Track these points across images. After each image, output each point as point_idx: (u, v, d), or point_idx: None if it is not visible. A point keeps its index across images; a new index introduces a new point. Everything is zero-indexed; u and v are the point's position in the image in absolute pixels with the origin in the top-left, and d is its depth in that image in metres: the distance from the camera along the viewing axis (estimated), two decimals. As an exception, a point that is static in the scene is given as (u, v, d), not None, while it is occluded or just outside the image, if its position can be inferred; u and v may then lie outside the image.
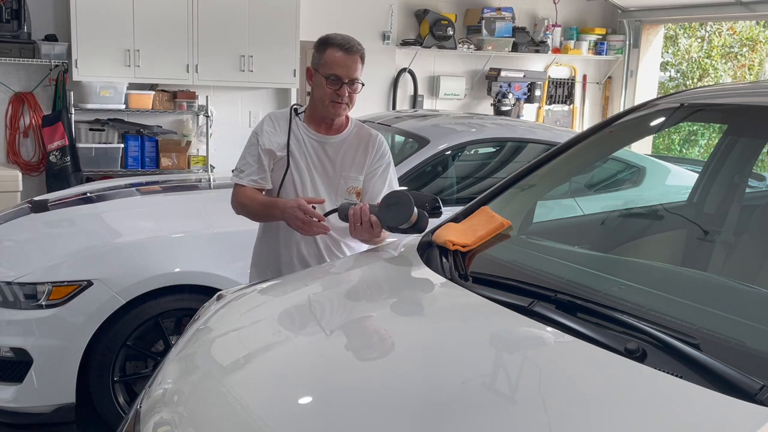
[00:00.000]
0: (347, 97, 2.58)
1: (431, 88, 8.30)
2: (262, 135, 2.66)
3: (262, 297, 2.18)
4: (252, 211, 2.66)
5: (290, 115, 2.71)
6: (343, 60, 2.56)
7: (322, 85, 2.59)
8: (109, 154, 6.43)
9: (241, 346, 1.90)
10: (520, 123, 5.10)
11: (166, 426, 1.64)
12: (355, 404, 1.49)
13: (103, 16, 6.11)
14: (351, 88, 2.59)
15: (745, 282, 2.01)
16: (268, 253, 2.75)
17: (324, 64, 2.59)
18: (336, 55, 2.56)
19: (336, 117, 2.64)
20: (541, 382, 1.48)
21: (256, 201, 2.64)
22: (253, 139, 2.70)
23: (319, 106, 2.63)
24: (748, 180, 2.67)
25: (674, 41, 12.26)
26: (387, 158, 2.75)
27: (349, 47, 2.57)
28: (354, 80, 2.59)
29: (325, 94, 2.59)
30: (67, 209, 3.97)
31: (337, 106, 2.59)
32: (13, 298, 3.20)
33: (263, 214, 2.65)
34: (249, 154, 2.68)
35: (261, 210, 2.63)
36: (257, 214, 2.67)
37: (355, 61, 2.58)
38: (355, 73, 2.59)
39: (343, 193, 2.67)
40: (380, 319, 1.91)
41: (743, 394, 1.31)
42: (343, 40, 2.58)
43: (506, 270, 2.02)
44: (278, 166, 2.66)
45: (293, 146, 2.65)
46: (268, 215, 2.63)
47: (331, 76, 2.56)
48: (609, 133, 2.58)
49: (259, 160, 2.64)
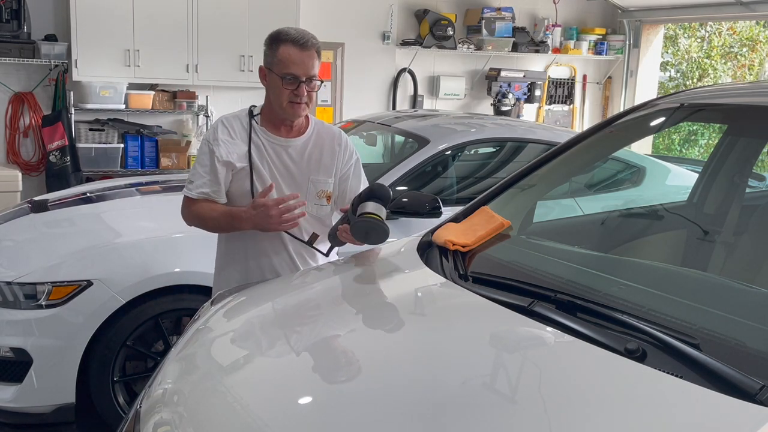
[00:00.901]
0: (306, 96, 2.41)
1: (431, 88, 8.30)
2: (217, 145, 2.45)
3: (262, 297, 2.18)
4: (213, 224, 2.49)
5: (249, 120, 2.51)
6: (299, 57, 2.37)
7: (278, 85, 2.40)
8: (109, 154, 6.43)
9: (241, 346, 1.90)
10: (520, 123, 5.10)
11: (166, 426, 1.64)
12: (355, 404, 1.49)
13: (103, 16, 6.11)
14: (309, 87, 2.41)
15: (745, 282, 2.01)
16: (234, 266, 2.57)
17: (278, 63, 2.40)
18: (290, 52, 2.38)
19: (296, 118, 2.47)
20: (541, 382, 1.48)
21: (217, 212, 2.46)
22: (205, 148, 2.48)
23: (277, 108, 2.45)
24: (748, 180, 2.67)
25: (674, 41, 12.26)
26: (355, 154, 2.62)
27: (303, 42, 2.38)
28: (312, 77, 2.41)
29: (282, 95, 2.41)
30: (67, 209, 3.97)
31: (296, 106, 2.42)
32: (13, 298, 3.20)
33: (227, 225, 2.47)
34: (200, 165, 2.47)
35: (225, 222, 2.45)
36: (219, 227, 2.50)
37: (311, 57, 2.40)
38: (313, 69, 2.40)
39: (313, 197, 2.52)
40: (380, 320, 1.91)
41: (743, 394, 1.31)
42: (297, 35, 2.39)
43: (506, 270, 2.02)
44: (239, 177, 2.48)
45: (255, 156, 2.46)
46: (232, 226, 2.45)
47: (287, 76, 2.38)
48: (609, 133, 2.58)
49: (213, 171, 2.44)
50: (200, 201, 2.47)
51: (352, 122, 5.03)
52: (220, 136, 2.46)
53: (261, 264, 2.53)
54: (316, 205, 2.53)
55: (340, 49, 7.65)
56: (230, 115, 2.56)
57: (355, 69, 7.72)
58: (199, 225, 2.54)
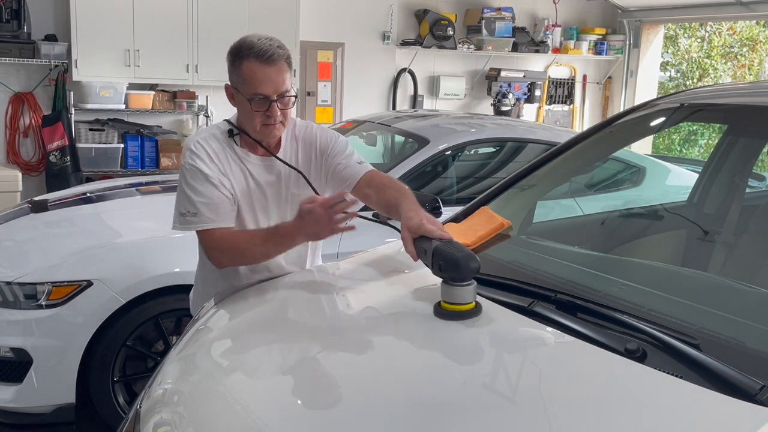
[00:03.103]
0: (280, 115, 2.13)
1: (431, 88, 8.30)
2: (210, 175, 2.14)
3: (262, 297, 2.18)
4: (256, 253, 2.16)
5: (233, 146, 2.21)
6: (265, 74, 2.08)
7: (247, 108, 2.12)
8: (108, 154, 6.43)
9: (242, 346, 1.90)
10: (520, 123, 5.11)
11: (166, 426, 1.64)
12: (355, 403, 1.49)
13: (103, 16, 6.11)
14: (282, 104, 2.13)
15: (745, 282, 2.00)
16: (225, 285, 2.28)
17: (243, 82, 2.11)
18: (255, 70, 2.08)
19: (273, 139, 2.20)
20: (541, 382, 1.48)
21: (258, 237, 2.15)
22: (196, 174, 2.14)
23: (251, 132, 2.18)
24: (748, 180, 2.67)
25: (674, 41, 12.26)
26: (330, 139, 2.29)
27: (269, 56, 2.07)
28: (284, 94, 2.12)
29: (253, 119, 2.13)
30: (67, 209, 3.97)
31: (270, 128, 2.14)
32: (13, 298, 3.20)
33: (274, 247, 2.15)
34: (201, 190, 2.13)
35: (272, 244, 2.13)
36: (265, 254, 2.18)
37: (280, 72, 2.10)
38: (284, 85, 2.11)
39: (292, 209, 2.20)
40: (379, 320, 1.91)
41: (743, 394, 1.31)
42: (261, 48, 2.07)
43: (506, 270, 2.02)
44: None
45: (241, 186, 2.20)
46: (282, 245, 2.14)
47: (255, 97, 2.10)
48: (609, 133, 2.58)
49: (221, 196, 2.15)
50: (218, 231, 2.15)
51: (352, 122, 5.03)
52: (208, 169, 2.15)
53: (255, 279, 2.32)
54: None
55: (340, 49, 7.65)
56: (207, 137, 2.22)
57: (355, 69, 7.72)
58: (239, 259, 2.20)
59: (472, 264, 1.73)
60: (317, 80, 7.61)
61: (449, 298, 1.73)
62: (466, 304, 1.72)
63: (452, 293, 1.73)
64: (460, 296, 1.72)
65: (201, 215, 2.14)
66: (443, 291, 1.75)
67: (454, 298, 1.73)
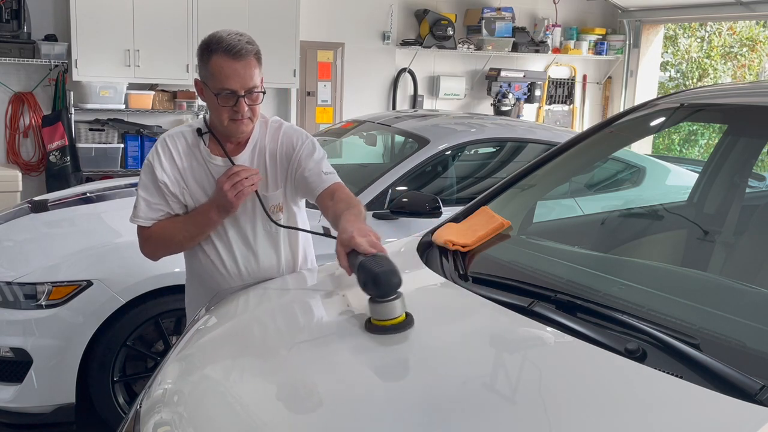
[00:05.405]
0: (248, 110, 2.13)
1: (431, 88, 8.31)
2: (159, 178, 2.19)
3: (262, 296, 2.18)
4: (179, 237, 2.23)
5: (199, 145, 2.23)
6: (233, 68, 2.07)
7: (215, 103, 2.12)
8: (108, 154, 6.43)
9: (242, 347, 1.89)
10: (520, 123, 5.10)
11: (166, 426, 1.64)
12: (355, 404, 1.49)
13: (103, 16, 6.11)
14: (250, 100, 2.12)
15: (745, 282, 2.01)
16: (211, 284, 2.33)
17: (211, 77, 2.10)
18: (223, 65, 2.07)
19: (240, 135, 2.20)
20: (541, 382, 1.48)
21: (179, 222, 2.23)
22: (148, 172, 2.21)
23: (219, 126, 2.19)
24: (748, 180, 2.67)
25: (674, 41, 12.26)
26: (300, 141, 2.26)
27: (237, 51, 2.07)
28: (252, 90, 2.12)
29: (221, 114, 2.13)
30: (67, 209, 3.97)
31: (238, 123, 2.14)
32: (13, 298, 3.20)
33: (197, 229, 2.22)
34: (147, 188, 2.21)
35: (194, 225, 2.21)
36: (189, 237, 2.24)
37: (248, 67, 2.10)
38: (252, 81, 2.11)
39: (262, 215, 2.26)
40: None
41: (743, 394, 1.31)
42: (229, 44, 2.07)
43: (506, 270, 2.02)
44: (177, 206, 2.25)
45: (202, 186, 2.23)
46: (205, 225, 2.21)
47: (222, 92, 2.09)
48: (609, 133, 2.58)
49: (162, 201, 2.21)
50: (155, 227, 2.23)
51: (352, 122, 5.03)
52: (164, 160, 2.21)
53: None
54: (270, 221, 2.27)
55: (340, 49, 7.65)
56: (177, 132, 2.27)
57: (355, 69, 7.72)
58: (169, 249, 2.32)
59: (393, 280, 1.70)
60: (317, 80, 7.61)
61: (375, 315, 1.70)
62: (394, 318, 1.68)
63: (377, 310, 1.69)
64: (385, 312, 1.68)
65: (139, 210, 2.23)
66: (370, 308, 1.72)
67: (380, 315, 1.69)
